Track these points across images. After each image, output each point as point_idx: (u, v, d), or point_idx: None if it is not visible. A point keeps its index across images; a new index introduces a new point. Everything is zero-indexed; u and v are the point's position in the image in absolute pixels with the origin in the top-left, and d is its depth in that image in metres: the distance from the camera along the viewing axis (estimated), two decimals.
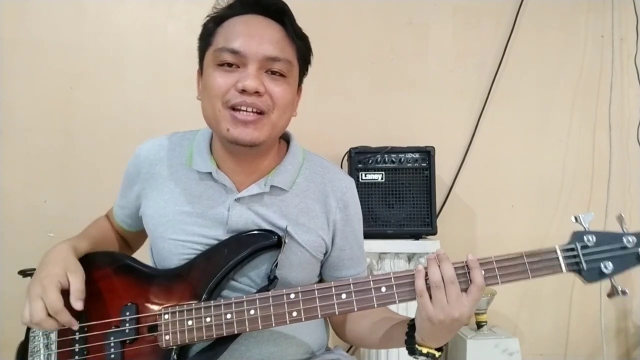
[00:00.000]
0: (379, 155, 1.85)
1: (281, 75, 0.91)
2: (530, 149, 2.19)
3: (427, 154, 1.84)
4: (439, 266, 0.83)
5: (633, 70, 2.21)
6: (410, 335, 0.89)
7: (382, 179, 1.84)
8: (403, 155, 1.85)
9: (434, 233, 1.82)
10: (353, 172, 1.84)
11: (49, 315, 0.85)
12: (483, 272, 0.83)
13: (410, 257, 1.82)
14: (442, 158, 1.91)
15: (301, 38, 0.97)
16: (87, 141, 1.99)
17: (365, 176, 1.84)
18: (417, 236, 1.82)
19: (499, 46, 2.18)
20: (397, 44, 2.16)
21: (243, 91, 0.87)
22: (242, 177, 0.98)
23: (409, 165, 1.85)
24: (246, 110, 0.89)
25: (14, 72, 1.96)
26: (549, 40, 2.20)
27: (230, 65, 0.89)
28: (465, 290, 0.82)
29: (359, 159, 1.85)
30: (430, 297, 0.82)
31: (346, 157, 1.93)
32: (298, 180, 1.01)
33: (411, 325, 0.89)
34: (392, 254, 1.79)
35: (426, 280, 0.83)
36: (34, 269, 0.95)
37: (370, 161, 1.85)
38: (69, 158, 1.99)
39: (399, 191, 1.84)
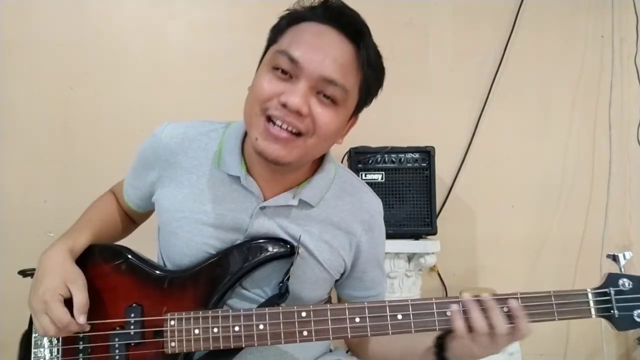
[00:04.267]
0: (379, 155, 1.85)
1: (332, 101, 0.83)
2: (530, 148, 2.19)
3: (427, 154, 1.84)
4: (482, 310, 0.79)
5: (633, 70, 2.21)
6: (441, 356, 0.86)
7: (382, 179, 1.84)
8: (403, 155, 1.85)
9: (434, 233, 1.82)
10: (353, 172, 1.83)
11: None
12: (506, 309, 0.80)
13: (410, 257, 1.82)
14: (442, 158, 1.91)
15: (373, 68, 0.88)
16: (87, 141, 1.99)
17: (365, 176, 1.84)
18: (417, 236, 1.82)
19: (499, 46, 2.17)
20: (397, 44, 2.15)
21: (284, 106, 0.80)
22: (271, 184, 0.92)
23: (409, 165, 1.85)
24: (281, 126, 0.81)
25: (14, 72, 1.96)
26: (549, 40, 2.20)
27: (284, 72, 0.82)
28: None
29: (359, 159, 1.85)
30: (473, 339, 0.79)
31: (346, 157, 1.93)
32: (326, 196, 0.96)
33: (439, 344, 0.86)
34: (392, 254, 1.79)
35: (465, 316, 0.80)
36: (34, 269, 0.94)
37: (370, 161, 1.85)
38: (69, 158, 1.99)
39: (399, 191, 1.84)
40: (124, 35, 2.02)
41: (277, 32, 0.87)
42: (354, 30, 0.85)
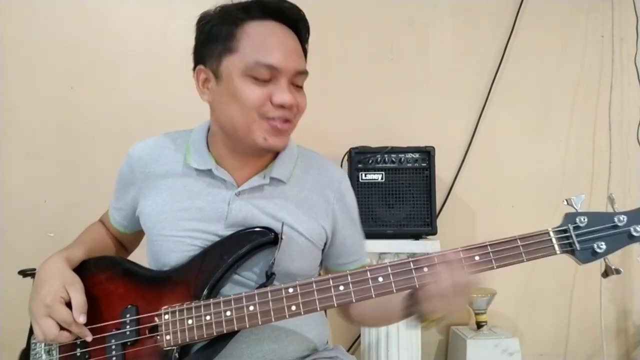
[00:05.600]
0: (379, 155, 1.85)
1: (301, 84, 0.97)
2: (530, 148, 2.19)
3: (427, 154, 1.84)
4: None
5: (633, 70, 2.21)
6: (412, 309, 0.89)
7: (382, 179, 1.84)
8: (403, 155, 1.85)
9: (434, 233, 1.82)
10: (353, 172, 1.83)
11: (61, 329, 0.88)
12: (478, 257, 0.85)
13: (410, 257, 1.82)
14: (442, 158, 1.91)
15: (309, 37, 1.00)
16: (87, 141, 1.99)
17: (365, 176, 1.84)
18: (417, 236, 1.82)
19: (499, 46, 2.17)
20: (397, 44, 2.16)
21: (281, 106, 0.91)
22: (242, 172, 0.99)
23: (409, 165, 1.85)
24: (281, 121, 0.93)
25: (14, 72, 1.97)
26: (549, 40, 2.20)
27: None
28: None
29: (359, 159, 1.85)
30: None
31: (346, 157, 1.93)
32: (295, 172, 1.03)
33: (409, 298, 0.90)
34: (392, 254, 1.79)
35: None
36: (34, 269, 0.95)
37: (370, 161, 1.85)
38: (69, 158, 1.99)
39: (399, 191, 1.84)
40: (124, 35, 2.03)
41: (224, 39, 0.92)
42: (295, 19, 0.96)
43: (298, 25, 0.96)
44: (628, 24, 2.21)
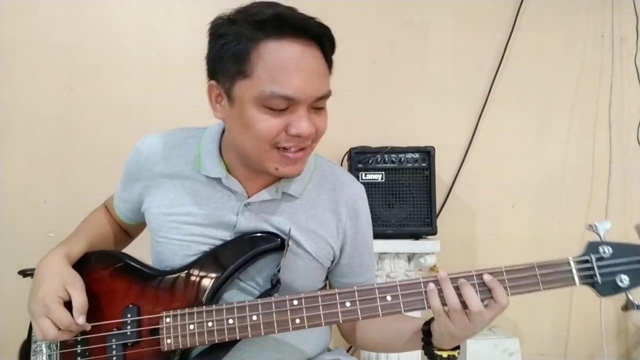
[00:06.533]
0: (379, 155, 1.85)
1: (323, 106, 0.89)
2: (530, 149, 2.19)
3: (427, 154, 1.85)
4: (455, 287, 0.80)
5: (633, 70, 2.21)
6: (427, 342, 0.87)
7: (382, 179, 1.84)
8: (403, 155, 1.85)
9: (434, 233, 1.82)
10: (353, 172, 1.83)
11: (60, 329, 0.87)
12: (480, 283, 0.81)
13: (410, 257, 1.82)
14: (442, 158, 1.91)
15: (333, 51, 0.90)
16: (87, 141, 1.99)
17: (365, 176, 1.84)
18: (417, 236, 1.82)
19: (499, 46, 2.17)
20: (397, 44, 2.16)
21: (298, 136, 0.84)
22: (253, 183, 0.95)
23: (409, 165, 1.85)
24: (294, 150, 0.87)
25: (14, 72, 1.97)
26: (549, 40, 2.20)
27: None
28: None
29: (359, 159, 1.85)
30: (449, 317, 0.80)
31: (346, 157, 1.93)
32: (309, 186, 0.99)
33: (425, 330, 0.88)
34: (392, 254, 1.79)
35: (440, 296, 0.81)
36: (34, 269, 0.94)
37: (370, 161, 1.85)
38: (69, 158, 1.99)
39: (399, 191, 1.84)
40: (124, 35, 2.03)
41: (237, 60, 0.83)
42: (317, 34, 0.86)
43: (322, 39, 0.86)
44: (628, 24, 2.21)
